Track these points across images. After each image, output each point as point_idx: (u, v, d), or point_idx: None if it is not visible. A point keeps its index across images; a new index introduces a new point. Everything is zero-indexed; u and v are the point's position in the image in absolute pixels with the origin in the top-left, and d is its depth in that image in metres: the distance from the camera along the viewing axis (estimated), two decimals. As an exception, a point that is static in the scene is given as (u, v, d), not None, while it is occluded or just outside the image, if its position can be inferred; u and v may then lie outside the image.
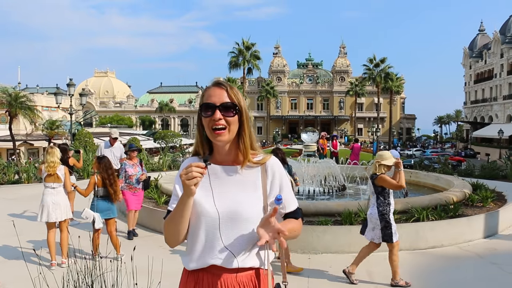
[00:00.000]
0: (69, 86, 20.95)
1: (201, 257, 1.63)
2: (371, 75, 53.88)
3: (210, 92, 1.66)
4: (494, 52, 58.32)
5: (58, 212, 5.70)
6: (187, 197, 1.55)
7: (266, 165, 1.71)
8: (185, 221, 1.61)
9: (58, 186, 5.76)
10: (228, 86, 1.67)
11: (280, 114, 76.08)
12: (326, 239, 6.14)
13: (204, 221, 1.63)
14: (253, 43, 48.28)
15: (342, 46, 78.19)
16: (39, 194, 6.09)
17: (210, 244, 1.62)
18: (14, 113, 23.62)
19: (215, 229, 1.61)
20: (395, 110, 67.84)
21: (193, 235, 1.66)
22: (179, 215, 1.59)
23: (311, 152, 11.98)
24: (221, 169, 1.67)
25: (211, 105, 1.62)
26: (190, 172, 1.49)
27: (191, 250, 1.67)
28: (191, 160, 1.74)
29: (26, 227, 7.57)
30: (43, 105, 39.93)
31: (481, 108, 62.33)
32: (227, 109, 1.62)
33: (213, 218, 1.61)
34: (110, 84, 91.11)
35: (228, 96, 1.64)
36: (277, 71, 77.23)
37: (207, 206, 1.62)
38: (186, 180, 1.49)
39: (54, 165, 5.73)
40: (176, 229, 1.63)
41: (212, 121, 1.61)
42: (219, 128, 1.60)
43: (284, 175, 1.74)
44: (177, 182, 1.70)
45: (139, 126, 74.52)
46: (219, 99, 1.62)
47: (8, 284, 4.57)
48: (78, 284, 3.58)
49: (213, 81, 1.73)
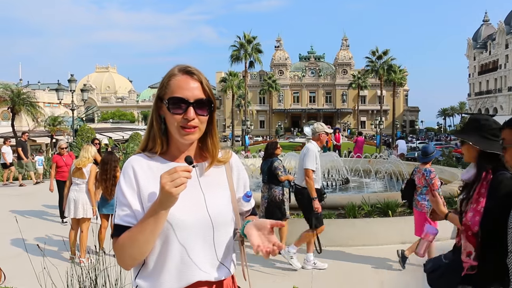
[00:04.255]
0: (71, 82, 20.96)
1: (179, 276, 1.36)
2: (374, 68, 53.53)
3: (181, 82, 1.37)
4: (498, 42, 57.89)
5: (73, 208, 5.72)
6: (165, 209, 1.25)
7: (230, 163, 1.55)
8: (155, 239, 1.31)
9: (81, 183, 5.82)
10: (201, 76, 1.40)
11: (283, 108, 75.88)
12: (330, 232, 6.12)
13: (177, 232, 1.34)
14: (254, 36, 48.11)
15: (344, 38, 77.74)
16: (42, 190, 6.09)
17: (188, 259, 1.36)
18: (16, 110, 23.69)
19: (191, 240, 1.36)
20: (398, 102, 67.55)
21: (162, 252, 1.36)
22: (149, 233, 1.27)
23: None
24: None
25: (183, 101, 1.35)
26: (178, 177, 1.21)
27: (161, 270, 1.36)
28: (137, 158, 1.42)
29: (29, 223, 7.61)
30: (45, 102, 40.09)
31: (485, 100, 62.01)
32: (201, 106, 1.37)
33: (189, 227, 1.36)
34: (111, 79, 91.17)
35: (203, 89, 1.38)
36: (279, 64, 76.91)
37: (180, 214, 1.34)
38: (173, 188, 1.20)
39: (86, 160, 5.86)
40: (141, 251, 1.30)
41: (184, 120, 1.35)
42: (191, 127, 1.37)
43: (245, 172, 1.62)
44: (126, 187, 1.36)
45: (141, 121, 74.56)
46: (192, 94, 1.36)
47: (12, 279, 4.59)
48: (82, 279, 3.58)
49: (180, 66, 1.42)
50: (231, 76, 55.35)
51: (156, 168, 1.40)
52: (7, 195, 11.28)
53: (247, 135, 46.12)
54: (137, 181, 1.37)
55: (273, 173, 5.84)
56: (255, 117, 74.02)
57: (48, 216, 8.34)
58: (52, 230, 7.24)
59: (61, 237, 6.05)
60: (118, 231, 1.34)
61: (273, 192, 5.81)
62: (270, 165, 5.91)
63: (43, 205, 9.24)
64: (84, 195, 5.75)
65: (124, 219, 1.34)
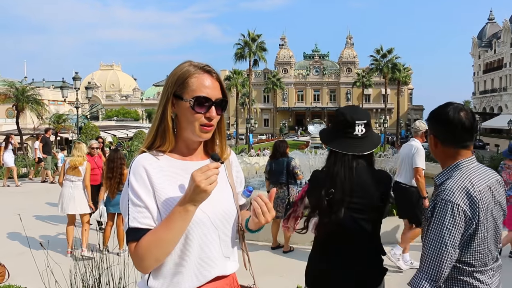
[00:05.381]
0: (75, 80, 20.99)
1: (198, 273, 1.37)
2: (378, 66, 53.36)
3: (203, 81, 1.38)
4: (504, 41, 57.49)
5: (72, 205, 5.85)
6: (197, 205, 1.27)
7: (230, 161, 1.59)
8: (181, 236, 1.31)
9: (77, 180, 5.94)
10: (219, 76, 1.43)
11: (287, 106, 75.86)
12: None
13: (196, 229, 1.35)
14: (258, 34, 48.07)
15: (349, 37, 77.55)
16: (46, 188, 6.11)
17: (207, 255, 1.39)
18: (21, 107, 23.81)
19: (208, 236, 1.39)
20: (402, 101, 67.33)
21: (182, 250, 1.35)
22: (177, 231, 1.27)
23: (318, 144, 11.94)
24: (192, 166, 1.36)
25: (208, 100, 1.37)
26: (212, 175, 1.23)
27: (180, 268, 1.35)
28: (146, 157, 1.39)
29: (33, 221, 7.62)
30: (49, 99, 40.26)
31: (490, 99, 61.65)
32: (220, 106, 1.41)
33: (206, 222, 1.38)
34: (116, 77, 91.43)
35: (222, 89, 1.43)
36: (283, 62, 76.84)
37: (200, 212, 1.34)
38: (208, 186, 1.22)
39: (81, 159, 5.99)
40: (168, 251, 1.30)
41: (207, 118, 1.37)
42: (211, 125, 1.39)
43: (241, 169, 1.67)
44: (140, 188, 1.33)
45: (146, 119, 74.74)
46: (214, 93, 1.38)
47: (16, 277, 4.60)
48: (86, 277, 3.57)
49: (196, 64, 1.42)
50: (235, 74, 55.32)
51: (166, 166, 1.39)
52: (13, 192, 11.32)
53: (251, 133, 46.10)
54: (151, 182, 1.34)
55: (291, 172, 5.91)
56: (259, 116, 74.03)
57: (53, 215, 8.34)
58: (56, 228, 7.26)
59: (65, 235, 6.07)
60: (136, 235, 1.30)
61: (292, 191, 5.93)
62: (287, 165, 5.95)
63: (49, 203, 9.27)
64: (80, 191, 5.92)
65: (142, 221, 1.31)
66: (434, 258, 1.67)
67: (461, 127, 1.74)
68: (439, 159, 1.88)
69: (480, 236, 1.69)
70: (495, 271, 1.79)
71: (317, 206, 2.18)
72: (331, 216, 2.07)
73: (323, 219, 2.14)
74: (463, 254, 1.70)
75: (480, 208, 1.67)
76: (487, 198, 1.71)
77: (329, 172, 2.15)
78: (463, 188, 1.67)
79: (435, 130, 1.85)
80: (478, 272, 1.73)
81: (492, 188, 1.76)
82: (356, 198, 2.07)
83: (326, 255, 2.18)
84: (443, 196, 1.69)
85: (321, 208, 2.13)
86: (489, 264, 1.75)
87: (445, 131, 1.80)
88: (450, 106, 1.78)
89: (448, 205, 1.66)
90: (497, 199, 1.78)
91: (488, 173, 1.82)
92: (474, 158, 1.82)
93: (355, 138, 2.13)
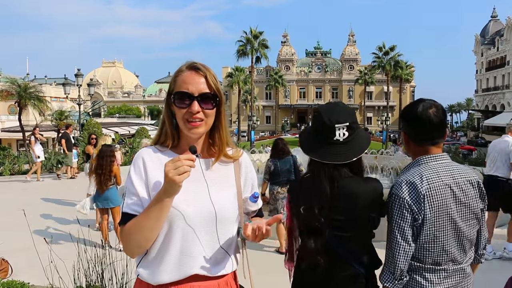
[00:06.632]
0: (77, 77, 21.02)
1: (178, 267, 1.38)
2: (381, 63, 53.18)
3: (186, 77, 1.41)
4: (507, 38, 57.17)
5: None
6: (169, 196, 1.29)
7: (240, 162, 1.55)
8: (160, 226, 1.34)
9: None
10: (206, 71, 1.42)
11: (289, 103, 75.69)
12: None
13: (180, 222, 1.37)
14: (261, 31, 47.93)
15: (351, 34, 77.27)
16: (49, 184, 6.12)
17: (188, 251, 1.39)
18: (23, 104, 23.82)
19: (193, 233, 1.39)
20: (404, 98, 67.04)
21: (164, 241, 1.39)
22: (154, 220, 1.31)
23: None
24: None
25: (188, 95, 1.39)
26: (181, 165, 1.24)
27: (161, 260, 1.39)
28: (148, 150, 1.48)
29: (37, 217, 7.65)
30: (51, 96, 40.26)
31: (492, 96, 61.36)
32: (206, 100, 1.40)
33: (192, 218, 1.38)
34: (118, 74, 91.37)
35: (207, 84, 1.41)
36: (286, 59, 76.62)
37: (183, 205, 1.37)
38: (176, 176, 1.23)
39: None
40: (147, 237, 1.34)
41: (189, 113, 1.39)
42: (196, 120, 1.41)
43: (254, 172, 1.62)
44: (135, 177, 1.41)
45: (148, 116, 74.71)
46: (197, 88, 1.39)
47: (20, 272, 4.61)
48: (89, 273, 3.60)
49: (187, 63, 1.46)
50: (237, 71, 55.22)
51: (165, 160, 1.40)
52: (20, 188, 11.36)
53: (253, 130, 46.07)
54: (146, 171, 1.42)
55: (297, 169, 5.80)
56: (261, 113, 73.89)
57: (57, 210, 8.36)
58: (59, 224, 7.28)
59: (69, 231, 6.09)
60: (125, 219, 1.39)
61: None
62: (294, 163, 5.82)
63: (54, 199, 9.32)
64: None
65: (131, 207, 1.39)
66: (390, 251, 1.71)
67: (429, 124, 1.73)
68: (412, 156, 1.85)
69: (428, 234, 1.66)
70: (451, 273, 1.71)
71: (302, 228, 1.84)
72: (315, 242, 1.75)
73: (305, 245, 1.80)
74: (415, 250, 1.70)
75: (427, 205, 1.64)
76: (441, 196, 1.67)
77: (307, 184, 1.84)
78: (410, 183, 1.68)
79: (405, 127, 1.84)
80: (426, 270, 1.70)
81: (455, 187, 1.70)
82: (338, 214, 1.75)
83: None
84: (393, 190, 1.73)
85: (305, 230, 1.81)
86: (442, 264, 1.70)
87: (414, 128, 1.79)
88: (420, 103, 1.77)
89: (396, 199, 1.69)
90: (461, 199, 1.70)
91: (457, 172, 1.74)
92: (442, 155, 1.77)
93: (336, 144, 1.77)
